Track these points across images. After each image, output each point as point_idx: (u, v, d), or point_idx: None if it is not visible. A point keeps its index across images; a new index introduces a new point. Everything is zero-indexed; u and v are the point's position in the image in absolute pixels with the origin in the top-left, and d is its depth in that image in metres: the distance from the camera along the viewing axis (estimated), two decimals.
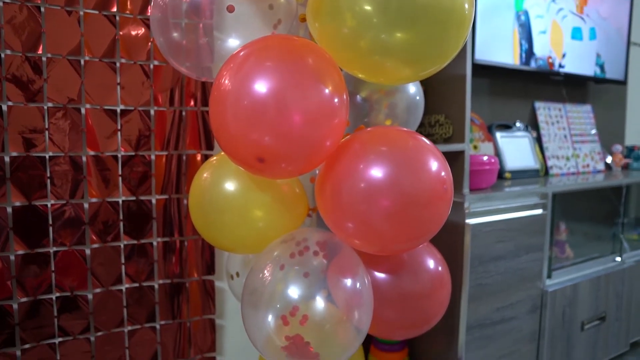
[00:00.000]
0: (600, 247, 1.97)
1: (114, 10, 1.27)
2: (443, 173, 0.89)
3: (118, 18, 1.28)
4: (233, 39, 1.10)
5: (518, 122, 1.99)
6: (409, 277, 1.09)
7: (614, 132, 2.46)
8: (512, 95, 2.06)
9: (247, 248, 1.09)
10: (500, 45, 1.78)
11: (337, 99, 0.85)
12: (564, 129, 2.15)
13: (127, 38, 1.29)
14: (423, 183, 0.86)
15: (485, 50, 1.72)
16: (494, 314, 1.46)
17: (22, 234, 1.21)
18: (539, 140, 2.06)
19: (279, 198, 1.04)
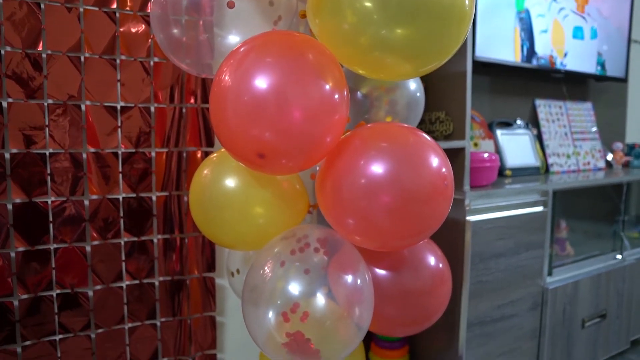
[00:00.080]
0: (601, 244, 1.97)
1: (114, 7, 1.26)
2: (444, 169, 0.89)
3: (118, 15, 1.27)
4: (233, 36, 1.09)
5: (518, 119, 1.98)
6: (410, 273, 1.09)
7: (615, 129, 2.46)
8: (512, 93, 2.06)
9: (247, 245, 1.09)
10: (501, 43, 1.78)
11: (337, 95, 0.85)
12: (565, 127, 2.15)
13: (127, 35, 1.29)
14: (424, 179, 0.86)
15: (486, 48, 1.71)
16: (495, 312, 1.46)
17: (22, 231, 1.21)
18: (540, 138, 2.06)
19: (280, 195, 1.04)
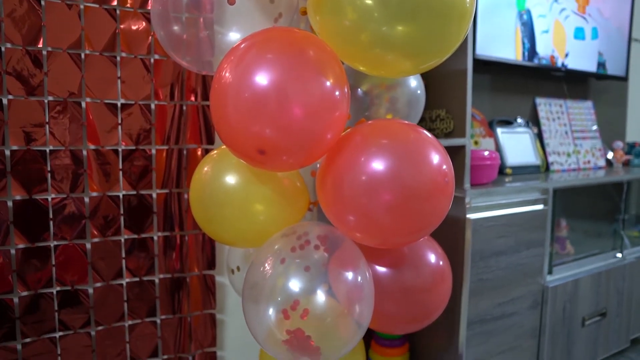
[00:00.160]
0: (601, 243, 1.97)
1: (115, 4, 1.26)
2: (444, 166, 0.89)
3: (118, 12, 1.27)
4: (234, 33, 1.09)
5: (519, 118, 1.98)
6: (410, 271, 1.09)
7: (615, 128, 2.46)
8: (513, 91, 2.06)
9: (247, 242, 1.09)
10: (502, 42, 1.78)
11: (338, 92, 0.85)
12: (565, 125, 2.15)
13: (127, 32, 1.29)
14: (424, 176, 0.86)
15: (487, 46, 1.71)
16: (495, 309, 1.46)
17: (22, 228, 1.21)
18: (540, 136, 2.05)
19: (280, 192, 1.04)
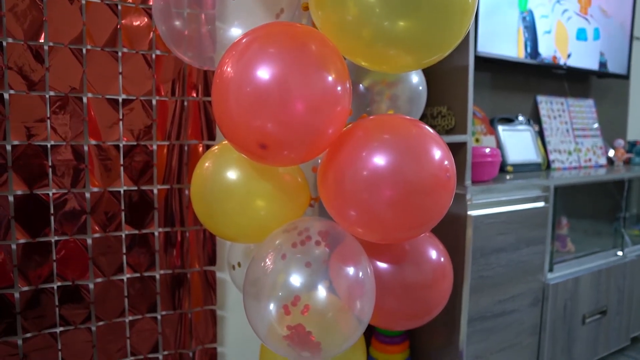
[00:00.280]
0: (602, 241, 1.97)
1: None
2: (446, 161, 0.89)
3: (120, 7, 1.27)
4: (235, 28, 1.09)
5: (520, 115, 1.98)
6: (412, 267, 1.09)
7: (616, 126, 2.45)
8: (514, 89, 2.05)
9: (248, 237, 1.09)
10: (503, 40, 1.77)
11: (340, 87, 0.85)
12: (566, 123, 2.15)
13: (129, 27, 1.29)
14: (426, 171, 0.86)
15: (488, 44, 1.71)
16: (496, 307, 1.46)
17: (23, 223, 1.21)
18: (541, 134, 2.05)
19: (281, 187, 1.04)
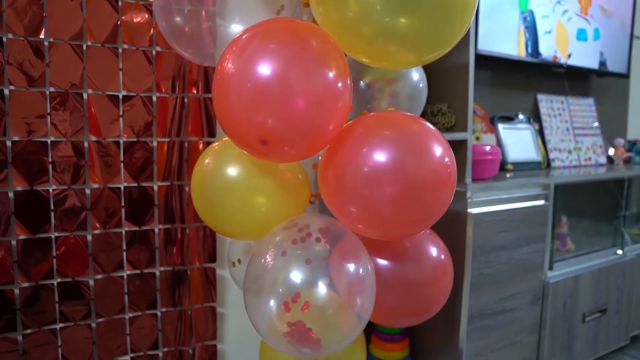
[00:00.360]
0: (602, 240, 1.97)
1: None
2: (447, 158, 0.89)
3: (120, 3, 1.27)
4: (236, 25, 1.09)
5: (520, 114, 1.98)
6: (412, 264, 1.09)
7: (616, 125, 2.45)
8: (514, 88, 2.05)
9: (249, 234, 1.09)
10: (504, 38, 1.77)
11: (340, 83, 0.85)
12: (566, 122, 2.15)
13: (129, 24, 1.29)
14: (427, 167, 0.86)
15: (488, 42, 1.71)
16: (496, 304, 1.46)
17: (23, 219, 1.21)
18: (541, 133, 2.05)
19: (282, 184, 1.04)
